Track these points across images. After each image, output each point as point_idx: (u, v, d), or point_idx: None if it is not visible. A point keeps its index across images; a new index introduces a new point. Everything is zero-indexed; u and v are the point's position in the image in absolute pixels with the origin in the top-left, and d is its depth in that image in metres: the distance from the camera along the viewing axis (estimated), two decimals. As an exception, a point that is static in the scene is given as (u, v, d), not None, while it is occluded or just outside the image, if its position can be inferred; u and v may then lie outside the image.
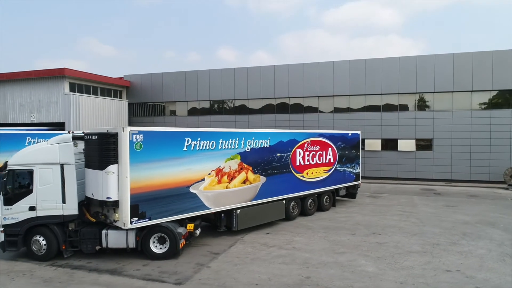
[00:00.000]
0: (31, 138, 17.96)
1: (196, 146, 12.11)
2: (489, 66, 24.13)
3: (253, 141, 14.28)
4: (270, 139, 15.08)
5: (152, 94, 33.04)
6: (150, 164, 10.75)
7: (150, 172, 10.75)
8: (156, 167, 10.90)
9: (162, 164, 11.06)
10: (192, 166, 11.96)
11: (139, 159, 10.48)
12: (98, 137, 10.42)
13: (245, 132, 14.07)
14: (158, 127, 11.57)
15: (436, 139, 25.48)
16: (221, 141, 13.00)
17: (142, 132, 10.61)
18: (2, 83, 30.09)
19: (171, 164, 11.32)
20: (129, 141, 10.21)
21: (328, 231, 13.75)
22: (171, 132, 11.68)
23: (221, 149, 12.99)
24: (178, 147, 11.61)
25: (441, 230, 13.68)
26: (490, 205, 18.26)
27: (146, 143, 10.65)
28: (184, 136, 11.82)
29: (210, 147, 12.59)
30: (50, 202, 10.65)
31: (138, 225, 10.43)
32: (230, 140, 13.33)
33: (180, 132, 11.94)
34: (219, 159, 12.90)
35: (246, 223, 13.79)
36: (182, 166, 11.66)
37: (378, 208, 17.80)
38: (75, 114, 28.03)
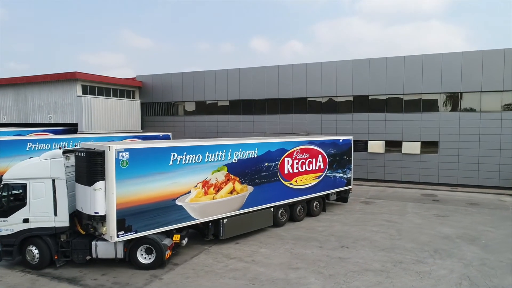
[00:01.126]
0: (32, 144, 19.23)
1: (182, 160, 12.45)
2: (501, 65, 22.68)
3: (240, 152, 14.47)
4: (258, 149, 15.25)
5: (162, 94, 33.95)
6: (136, 179, 11.20)
7: (136, 188, 11.21)
8: (142, 182, 11.34)
9: (148, 179, 11.48)
10: (178, 179, 12.34)
11: (125, 175, 10.94)
12: (86, 154, 10.93)
13: (231, 144, 14.22)
14: (144, 143, 12.08)
15: (442, 141, 24.42)
16: (208, 154, 13.28)
17: (127, 149, 11.06)
18: (24, 86, 32.11)
19: (157, 179, 11.72)
20: (115, 159, 10.66)
21: (297, 243, 13.81)
22: (156, 148, 12.00)
23: (207, 162, 13.28)
24: (163, 162, 11.96)
25: (414, 246, 13.33)
26: (485, 216, 17.43)
27: (131, 160, 11.10)
28: (169, 151, 12.17)
29: (196, 161, 12.90)
30: (42, 214, 11.27)
31: (125, 238, 10.94)
32: (216, 153, 13.60)
33: (166, 148, 12.24)
34: (205, 171, 13.21)
35: (233, 232, 14.10)
36: (168, 180, 12.04)
37: (364, 217, 17.52)
38: (87, 115, 29.43)
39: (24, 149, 18.77)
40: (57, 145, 20.18)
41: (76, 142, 21.32)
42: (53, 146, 20.02)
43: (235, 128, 30.84)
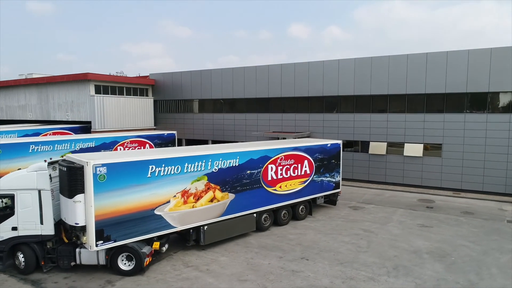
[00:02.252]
0: (34, 146, 20.70)
1: (161, 172, 12.84)
2: (510, 64, 21.12)
3: (221, 162, 14.71)
4: (240, 158, 15.45)
5: (173, 92, 34.88)
6: (114, 192, 11.69)
7: (114, 200, 11.71)
8: (120, 194, 11.82)
9: (126, 192, 11.95)
10: (157, 190, 12.74)
11: (103, 188, 11.46)
12: (66, 169, 11.55)
13: (211, 154, 14.45)
14: (122, 157, 12.31)
15: (446, 144, 23.30)
16: (187, 165, 13.59)
17: (105, 164, 11.52)
18: (45, 86, 34.29)
19: (135, 191, 12.17)
20: (92, 174, 11.20)
21: (261, 252, 14.05)
22: (134, 162, 12.32)
23: (186, 172, 13.59)
24: (142, 175, 12.37)
25: (376, 260, 13.14)
26: (473, 228, 16.64)
27: (109, 174, 11.59)
28: (148, 164, 12.53)
29: (175, 172, 13.25)
30: (29, 223, 12.01)
31: (103, 247, 11.59)
32: (196, 163, 13.88)
33: (144, 161, 12.52)
34: (185, 181, 13.55)
35: (214, 238, 14.54)
36: (147, 192, 12.47)
37: (343, 224, 17.35)
38: (100, 114, 30.98)
39: (27, 151, 20.26)
40: (59, 147, 21.56)
41: (78, 143, 22.68)
42: (55, 147, 21.43)
43: (240, 126, 31.17)
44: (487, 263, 12.93)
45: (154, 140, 27.26)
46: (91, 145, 23.25)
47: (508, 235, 15.71)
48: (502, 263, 12.94)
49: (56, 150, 21.43)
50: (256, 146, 17.14)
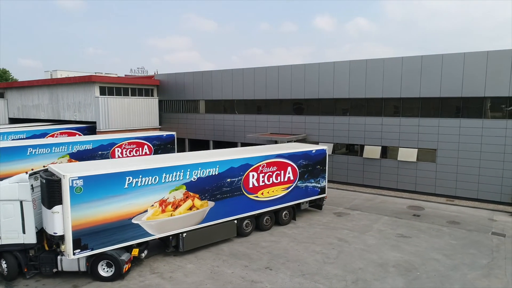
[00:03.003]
0: (32, 149, 21.76)
1: (138, 182, 13.22)
2: (507, 68, 20.26)
3: (199, 171, 15.01)
4: (219, 167, 15.72)
5: (176, 92, 35.53)
6: (90, 203, 12.15)
7: (91, 210, 12.18)
8: (97, 205, 12.28)
9: (103, 202, 12.40)
10: (134, 200, 13.15)
11: (80, 200, 11.92)
12: (45, 181, 12.07)
13: (190, 164, 14.72)
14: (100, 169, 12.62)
15: (440, 149, 22.70)
16: (165, 175, 13.92)
17: (81, 177, 11.94)
18: (56, 86, 35.76)
19: (112, 201, 12.60)
20: (69, 186, 11.65)
21: (229, 260, 14.37)
22: (111, 174, 12.67)
23: (164, 182, 13.93)
24: (119, 186, 12.78)
25: (339, 273, 13.18)
26: (452, 240, 16.27)
27: (86, 186, 12.02)
28: (125, 176, 12.91)
29: (152, 182, 13.61)
30: (12, 232, 12.49)
31: (81, 255, 12.13)
32: (174, 173, 14.20)
33: (121, 173, 12.87)
34: (163, 191, 13.91)
35: (193, 244, 14.97)
36: (124, 202, 12.89)
37: (321, 232, 17.38)
38: (104, 114, 32.04)
39: (25, 154, 21.34)
40: (56, 149, 22.56)
41: (75, 146, 23.61)
42: (53, 150, 22.45)
43: (239, 128, 31.44)
44: (451, 279, 12.71)
45: (152, 141, 27.96)
46: (89, 147, 24.17)
47: (486, 248, 15.30)
48: (468, 280, 12.69)
49: (54, 153, 22.45)
50: (237, 154, 17.21)
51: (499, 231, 17.36)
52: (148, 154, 27.62)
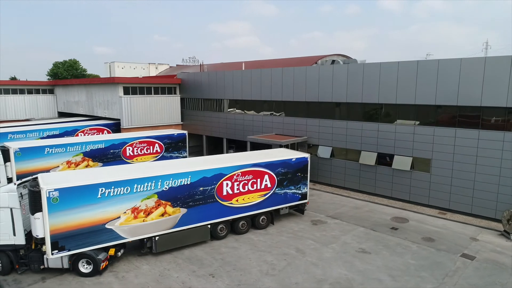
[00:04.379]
0: (49, 149, 24.76)
1: (111, 193, 14.81)
2: (506, 76, 18.63)
3: (171, 181, 16.37)
4: (191, 177, 16.97)
5: (195, 91, 37.25)
6: (66, 211, 13.87)
7: (67, 217, 13.91)
8: (72, 213, 13.99)
9: (77, 210, 14.10)
10: (107, 208, 14.74)
11: (56, 209, 13.69)
12: (29, 191, 14.05)
13: (161, 175, 16.07)
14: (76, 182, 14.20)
15: (435, 160, 21.62)
16: (136, 186, 15.43)
17: (57, 189, 13.66)
18: (90, 86, 39.43)
19: (86, 209, 14.25)
20: (46, 197, 13.45)
21: (182, 263, 15.67)
22: (85, 186, 14.26)
23: (136, 192, 15.46)
24: (92, 196, 14.39)
25: (273, 286, 13.83)
26: (411, 260, 15.87)
27: (61, 197, 13.72)
28: (98, 187, 14.48)
29: (124, 192, 15.17)
30: (4, 235, 14.44)
31: (58, 255, 14.02)
32: (146, 184, 15.68)
33: (94, 185, 14.44)
34: (134, 200, 15.45)
35: (165, 246, 16.52)
36: (98, 210, 14.51)
37: (284, 241, 17.92)
38: (127, 112, 34.84)
39: (43, 153, 24.40)
40: (71, 149, 25.40)
41: (89, 145, 26.28)
42: (68, 149, 25.32)
43: (248, 127, 32.32)
44: (379, 303, 12.77)
45: (163, 140, 30.02)
46: (101, 146, 26.79)
47: (441, 272, 14.82)
48: (396, 305, 12.65)
49: (69, 152, 25.34)
50: (210, 164, 18.10)
51: (472, 253, 16.53)
52: (159, 152, 29.77)
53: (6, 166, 23.02)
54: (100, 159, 26.78)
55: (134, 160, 28.49)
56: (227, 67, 77.01)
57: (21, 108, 44.32)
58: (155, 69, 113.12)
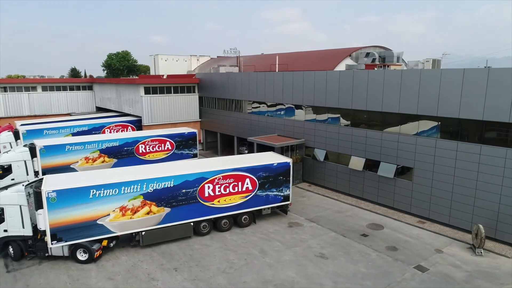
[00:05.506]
0: (69, 146, 28.18)
1: (101, 194, 17.42)
2: (483, 88, 18.31)
3: (155, 184, 18.61)
4: (174, 181, 19.10)
5: (210, 90, 39.33)
6: (63, 209, 16.63)
7: (63, 214, 16.68)
8: (68, 210, 16.73)
9: (72, 208, 16.80)
10: (98, 207, 17.31)
11: (54, 207, 16.47)
12: (33, 192, 16.97)
13: (147, 179, 18.35)
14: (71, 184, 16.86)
15: (417, 169, 21.73)
16: (124, 188, 17.87)
17: (55, 190, 16.38)
18: (118, 85, 43.05)
19: (79, 208, 16.91)
20: (45, 197, 16.30)
21: (156, 257, 17.91)
22: (78, 188, 16.91)
23: (124, 193, 17.93)
24: (85, 196, 17.02)
25: (222, 283, 15.55)
26: (364, 268, 16.71)
27: (58, 197, 16.46)
28: (89, 189, 17.07)
29: (113, 193, 17.71)
30: (15, 227, 17.39)
31: (57, 245, 16.85)
32: (132, 186, 18.08)
33: (86, 187, 17.00)
34: (122, 200, 17.93)
35: (151, 240, 18.92)
36: (89, 208, 17.13)
37: (254, 241, 19.48)
38: (147, 111, 37.89)
39: (64, 150, 27.89)
40: (88, 146, 28.68)
41: (104, 143, 29.43)
42: (86, 147, 28.62)
43: (254, 127, 33.82)
44: (309, 307, 14.01)
45: (174, 138, 32.49)
46: (116, 144, 29.85)
47: (386, 282, 15.56)
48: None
49: (86, 149, 28.65)
50: (193, 169, 20.07)
51: (428, 265, 16.96)
52: (170, 149, 32.29)
53: (33, 161, 26.79)
54: (115, 156, 29.89)
55: (147, 157, 31.31)
56: (262, 59, 78.70)
57: (63, 103, 49.47)
58: (197, 60, 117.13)
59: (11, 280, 16.03)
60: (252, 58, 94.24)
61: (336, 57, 75.30)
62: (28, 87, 47.29)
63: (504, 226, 18.44)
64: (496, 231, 18.78)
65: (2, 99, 45.21)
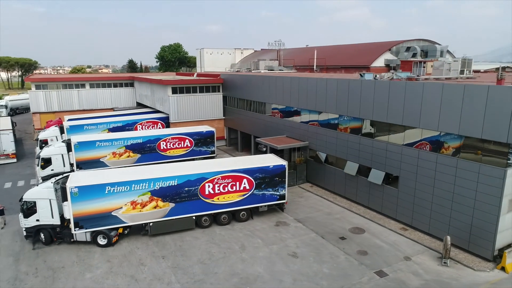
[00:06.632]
0: (99, 143, 32.09)
1: (115, 190, 20.75)
2: (458, 105, 18.61)
3: (161, 183, 21.55)
4: (177, 180, 21.93)
5: (233, 90, 41.70)
6: (83, 202, 20.03)
7: (84, 206, 20.09)
8: (88, 203, 20.12)
9: (91, 202, 20.17)
10: (112, 201, 20.61)
11: (77, 200, 19.93)
12: (59, 187, 20.70)
13: (154, 178, 21.31)
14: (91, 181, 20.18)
15: (402, 177, 22.38)
16: (134, 186, 21.06)
17: (77, 186, 19.80)
18: (152, 84, 46.96)
19: (97, 201, 20.27)
20: (69, 192, 19.93)
21: (151, 245, 20.88)
22: (96, 185, 20.20)
23: (134, 190, 21.12)
24: (101, 192, 20.34)
25: (197, 272, 18.00)
26: (327, 270, 18.16)
27: (80, 192, 19.89)
28: (105, 186, 20.37)
29: (125, 190, 20.97)
30: (45, 217, 20.53)
31: (79, 232, 20.22)
32: (141, 184, 21.21)
33: (102, 184, 20.28)
34: (133, 195, 21.14)
35: (158, 230, 21.95)
36: (105, 202, 20.47)
37: (239, 237, 21.66)
38: (174, 110, 41.29)
39: (94, 145, 31.95)
40: (115, 143, 32.54)
41: (129, 140, 33.13)
42: (113, 143, 32.51)
43: (266, 128, 35.68)
44: (262, 299, 16.00)
45: (193, 137, 35.52)
46: (139, 141, 33.48)
47: (340, 283, 16.96)
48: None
49: (114, 145, 32.55)
50: (194, 170, 22.69)
51: (389, 271, 17.99)
52: (189, 146, 35.41)
53: (69, 155, 31.20)
54: (139, 152, 33.58)
55: (167, 153, 34.68)
56: (303, 52, 79.68)
57: (108, 99, 54.85)
58: (241, 53, 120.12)
59: (34, 256, 19.89)
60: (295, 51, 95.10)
61: (375, 51, 73.96)
62: (78, 84, 53.10)
63: (475, 239, 18.81)
64: (469, 243, 19.17)
65: (56, 95, 51.41)
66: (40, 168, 30.30)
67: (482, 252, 18.64)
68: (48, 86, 51.21)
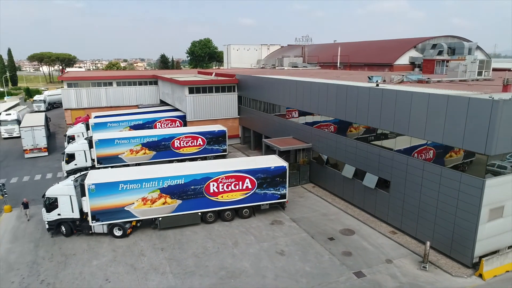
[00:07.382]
0: (117, 140, 34.60)
1: (127, 187, 22.97)
2: (443, 114, 19.09)
3: (169, 181, 23.59)
4: (184, 179, 23.86)
5: (246, 91, 43.18)
6: (99, 197, 22.19)
7: (100, 201, 22.24)
8: (103, 199, 22.25)
9: (106, 197, 22.27)
10: (125, 197, 22.73)
11: (94, 195, 22.16)
12: (79, 184, 23.56)
13: (162, 177, 23.34)
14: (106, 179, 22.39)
15: (393, 182, 23.06)
16: (144, 184, 23.19)
17: (94, 183, 21.92)
18: (172, 84, 49.32)
19: (112, 197, 22.38)
20: (87, 188, 22.29)
21: (153, 238, 22.93)
22: (110, 182, 22.22)
23: (144, 188, 23.28)
24: (115, 189, 22.48)
25: (190, 264, 19.80)
26: (309, 268, 19.35)
27: (96, 188, 22.16)
28: (118, 183, 22.47)
29: (137, 187, 23.15)
30: (66, 211, 22.67)
31: (96, 224, 22.37)
32: (151, 183, 23.29)
33: (116, 182, 22.34)
34: (143, 192, 23.27)
35: (166, 225, 23.98)
36: (119, 197, 22.62)
37: (235, 233, 23.29)
38: (191, 109, 43.38)
39: (113, 143, 34.53)
40: (132, 141, 35.01)
41: (145, 138, 35.49)
42: (130, 141, 34.98)
43: (276, 128, 36.93)
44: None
45: (205, 135, 37.43)
46: (155, 139, 35.78)
47: (318, 281, 18.15)
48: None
49: (131, 143, 35.03)
50: (200, 170, 24.49)
51: (369, 273, 18.95)
52: (201, 145, 37.38)
53: (91, 151, 34.02)
54: (154, 149, 35.92)
55: (181, 151, 36.82)
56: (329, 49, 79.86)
57: (133, 96, 58.00)
58: (267, 49, 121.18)
59: (51, 243, 22.54)
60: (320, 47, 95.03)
61: (400, 49, 73.05)
62: (106, 82, 56.54)
63: (456, 246, 19.35)
64: (451, 249, 19.73)
65: (86, 93, 55.09)
66: (65, 163, 33.32)
67: (462, 258, 19.18)
68: (79, 84, 54.98)
